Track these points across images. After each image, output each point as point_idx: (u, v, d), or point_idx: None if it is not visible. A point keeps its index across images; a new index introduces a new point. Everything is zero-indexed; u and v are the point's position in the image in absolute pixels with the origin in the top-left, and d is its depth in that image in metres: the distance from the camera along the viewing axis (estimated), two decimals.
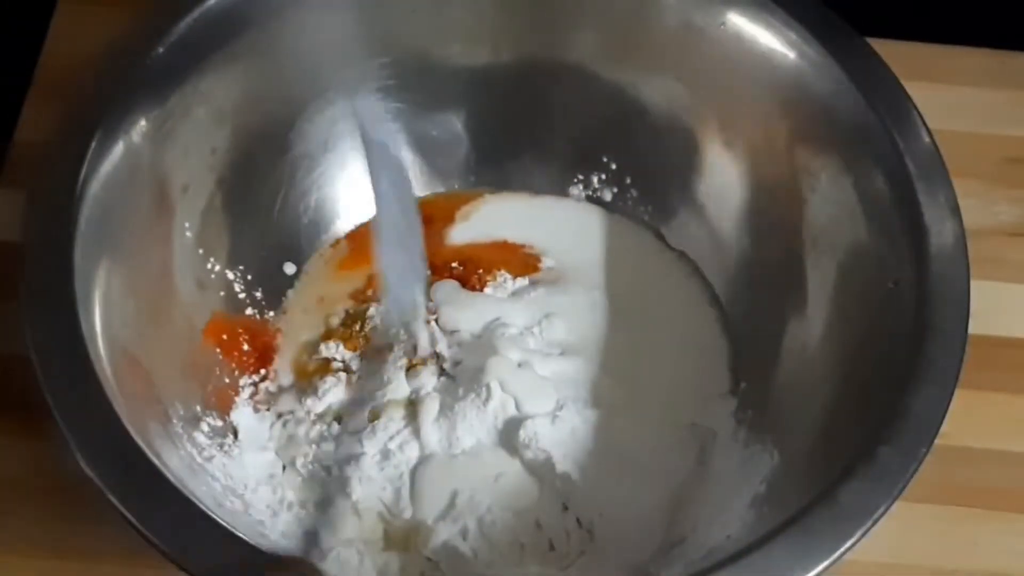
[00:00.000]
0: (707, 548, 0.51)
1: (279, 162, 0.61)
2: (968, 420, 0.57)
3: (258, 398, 0.58)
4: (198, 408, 0.55)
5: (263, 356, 0.59)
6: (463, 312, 0.60)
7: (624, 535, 0.54)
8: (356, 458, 0.55)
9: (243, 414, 0.57)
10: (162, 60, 0.54)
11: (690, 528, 0.54)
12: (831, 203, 0.56)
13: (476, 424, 0.55)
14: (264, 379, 0.59)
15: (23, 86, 0.67)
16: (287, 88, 0.60)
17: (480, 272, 0.62)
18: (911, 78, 0.56)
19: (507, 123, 0.64)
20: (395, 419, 0.56)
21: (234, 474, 0.54)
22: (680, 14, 0.59)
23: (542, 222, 0.64)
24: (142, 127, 0.53)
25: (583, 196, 0.65)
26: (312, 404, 0.57)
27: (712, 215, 0.62)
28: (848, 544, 0.44)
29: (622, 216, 0.65)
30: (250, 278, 0.60)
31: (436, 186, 0.65)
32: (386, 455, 0.55)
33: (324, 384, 0.58)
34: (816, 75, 0.56)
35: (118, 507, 0.44)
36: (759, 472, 0.53)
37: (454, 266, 0.62)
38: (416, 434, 0.55)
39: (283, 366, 0.60)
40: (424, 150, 0.64)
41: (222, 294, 0.59)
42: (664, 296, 0.62)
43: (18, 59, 0.68)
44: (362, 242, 0.63)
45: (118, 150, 0.52)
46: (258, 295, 0.60)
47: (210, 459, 0.53)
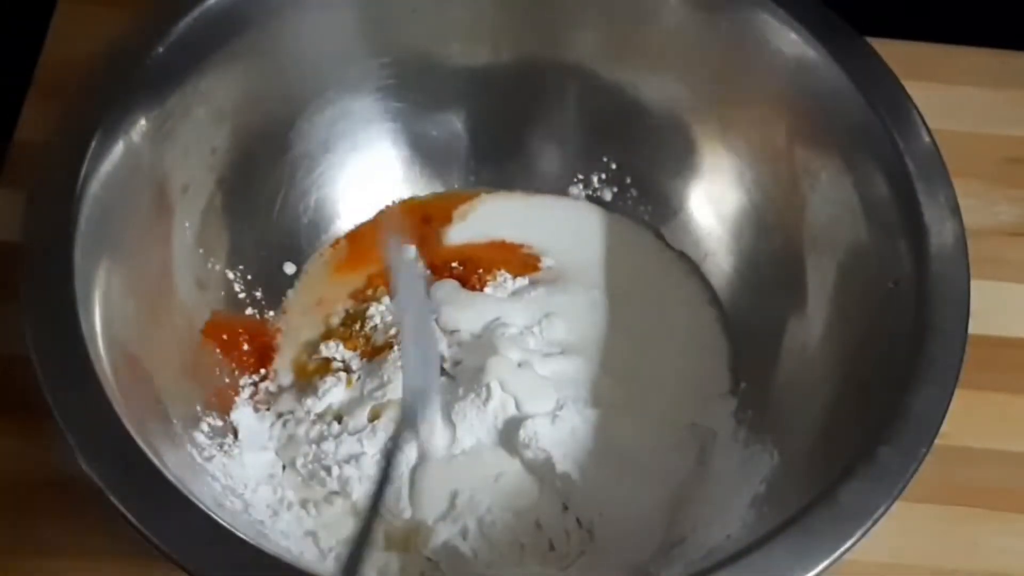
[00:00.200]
0: (707, 548, 0.51)
1: (279, 162, 0.61)
2: (968, 420, 0.57)
3: (258, 398, 0.58)
4: (198, 408, 0.55)
5: (263, 356, 0.59)
6: (463, 312, 0.60)
7: (624, 535, 0.54)
8: (356, 458, 0.55)
9: (243, 414, 0.57)
10: (162, 60, 0.54)
11: (690, 528, 0.54)
12: (831, 203, 0.56)
13: (476, 424, 0.55)
14: (264, 379, 0.59)
15: (23, 86, 0.67)
16: (287, 88, 0.60)
17: (480, 272, 0.62)
18: (911, 78, 0.56)
19: (507, 123, 0.64)
20: (395, 419, 0.56)
21: (234, 474, 0.54)
22: (680, 14, 0.59)
23: (541, 222, 0.64)
24: (142, 127, 0.53)
25: (583, 196, 0.65)
26: (312, 404, 0.57)
27: (712, 215, 0.62)
28: (848, 544, 0.44)
29: (622, 216, 0.65)
30: (250, 278, 0.60)
31: (436, 186, 0.65)
32: (386, 455, 0.55)
33: (324, 384, 0.58)
34: (816, 75, 0.56)
35: (118, 507, 0.43)
36: (759, 472, 0.53)
37: (454, 266, 0.62)
38: (416, 434, 0.55)
39: (283, 366, 0.60)
40: (424, 150, 0.64)
41: (222, 294, 0.59)
42: (664, 296, 0.62)
43: (18, 59, 0.68)
44: (361, 243, 0.63)
45: (118, 150, 0.52)
46: (258, 295, 0.60)
47: (210, 459, 0.53)
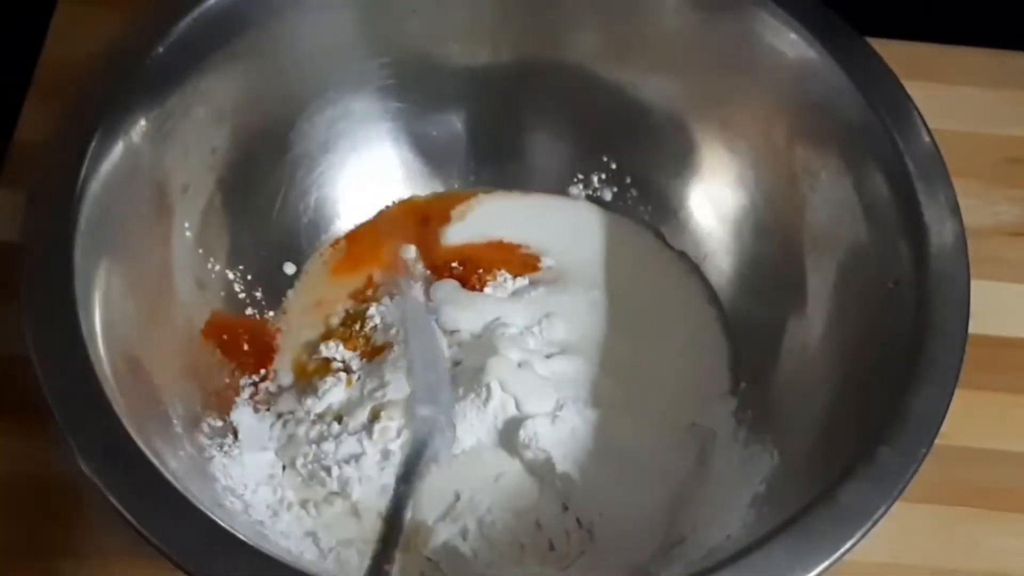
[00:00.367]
0: (707, 548, 0.51)
1: (279, 162, 0.61)
2: (968, 420, 0.57)
3: (258, 398, 0.58)
4: (198, 408, 0.55)
5: (263, 356, 0.59)
6: (463, 312, 0.60)
7: (624, 535, 0.54)
8: (356, 458, 0.55)
9: (243, 414, 0.57)
10: (162, 60, 0.54)
11: (690, 528, 0.54)
12: (831, 203, 0.56)
13: (476, 424, 0.55)
14: (264, 379, 0.59)
15: (23, 86, 0.67)
16: (287, 88, 0.60)
17: (480, 272, 0.62)
18: (911, 78, 0.56)
19: (507, 123, 0.64)
20: (395, 419, 0.56)
21: (234, 474, 0.54)
22: (680, 14, 0.59)
23: (540, 222, 0.64)
24: (142, 127, 0.53)
25: (583, 196, 0.65)
26: (312, 404, 0.57)
27: (712, 215, 0.62)
28: (848, 544, 0.44)
29: (622, 216, 0.65)
30: (250, 278, 0.60)
31: (436, 186, 0.65)
32: (386, 455, 0.55)
33: (324, 384, 0.58)
34: (816, 75, 0.56)
35: (118, 507, 0.43)
36: (759, 472, 0.53)
37: (454, 266, 0.62)
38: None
39: (283, 366, 0.60)
40: (424, 150, 0.64)
41: (222, 294, 0.59)
42: (664, 296, 0.62)
43: (18, 59, 0.68)
44: (360, 244, 0.63)
45: (118, 150, 0.52)
46: (258, 295, 0.60)
47: (210, 459, 0.53)
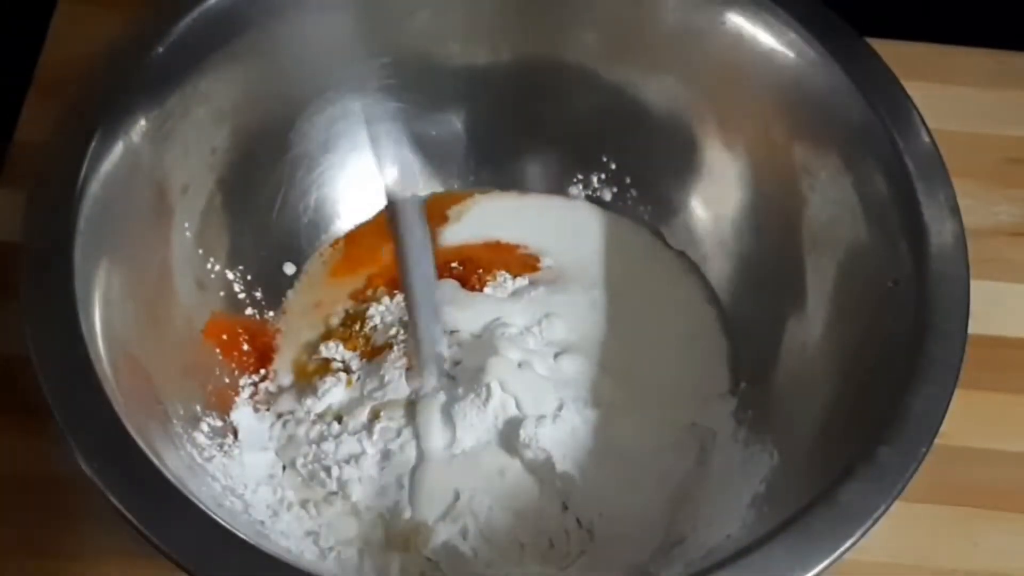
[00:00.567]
0: (707, 548, 0.51)
1: (279, 162, 0.61)
2: (968, 420, 0.57)
3: (258, 398, 0.58)
4: (198, 408, 0.54)
5: (263, 356, 0.59)
6: (463, 312, 0.60)
7: (624, 535, 0.54)
8: (356, 458, 0.55)
9: (243, 414, 0.57)
10: (162, 60, 0.54)
11: (690, 528, 0.54)
12: (831, 202, 0.56)
13: (476, 424, 0.55)
14: (264, 379, 0.59)
15: (23, 86, 0.67)
16: (287, 88, 0.60)
17: (480, 272, 0.62)
18: (911, 78, 0.56)
19: (507, 123, 0.64)
20: (395, 419, 0.56)
21: (234, 474, 0.54)
22: (680, 13, 0.59)
23: (537, 221, 0.64)
24: (142, 127, 0.53)
25: (583, 196, 0.65)
26: (312, 404, 0.57)
27: (711, 215, 0.62)
28: (848, 544, 0.44)
29: (621, 216, 0.65)
30: (250, 278, 0.60)
31: (435, 186, 0.65)
32: (386, 455, 0.55)
33: (324, 384, 0.58)
34: (816, 75, 0.56)
35: (118, 507, 0.43)
36: (759, 472, 0.53)
37: (454, 266, 0.62)
38: (416, 434, 0.55)
39: (283, 366, 0.60)
40: (424, 150, 0.64)
41: (222, 294, 0.59)
42: (664, 296, 0.62)
43: (18, 59, 0.68)
44: (357, 246, 0.63)
45: (118, 150, 0.52)
46: (258, 295, 0.60)
47: (210, 459, 0.53)
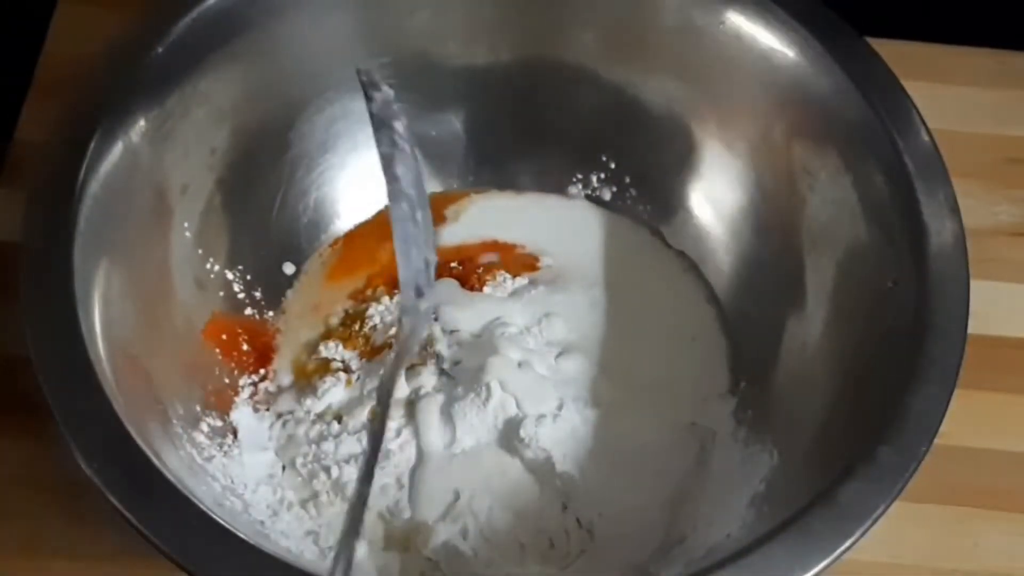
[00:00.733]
0: (707, 547, 0.51)
1: (278, 162, 0.61)
2: (968, 420, 0.57)
3: (257, 398, 0.58)
4: (198, 408, 0.55)
5: (262, 356, 0.59)
6: (463, 312, 0.60)
7: (624, 534, 0.54)
8: (356, 458, 0.55)
9: (243, 414, 0.57)
10: (161, 60, 0.54)
11: (690, 527, 0.54)
12: (830, 202, 0.56)
13: (476, 424, 0.55)
14: (263, 379, 0.59)
15: (23, 86, 0.67)
16: (286, 88, 0.60)
17: (479, 271, 0.62)
18: (911, 78, 0.56)
19: (506, 123, 0.64)
20: (395, 419, 0.56)
21: (234, 474, 0.54)
22: (679, 13, 0.59)
23: (535, 221, 0.64)
24: (141, 127, 0.53)
25: (582, 195, 0.65)
26: (311, 404, 0.57)
27: (711, 214, 0.62)
28: (848, 544, 0.44)
29: (621, 215, 0.65)
30: (249, 278, 0.60)
31: (435, 186, 0.65)
32: (386, 455, 0.55)
33: (323, 384, 0.58)
34: (815, 74, 0.56)
35: (118, 507, 0.43)
36: (759, 471, 0.53)
37: (453, 266, 0.62)
38: (416, 434, 0.55)
39: (282, 366, 0.60)
40: (423, 150, 0.64)
41: (221, 294, 0.59)
42: (663, 295, 0.62)
43: (18, 59, 0.68)
44: (354, 248, 0.63)
45: (117, 150, 0.52)
46: (257, 295, 0.60)
47: (210, 459, 0.53)
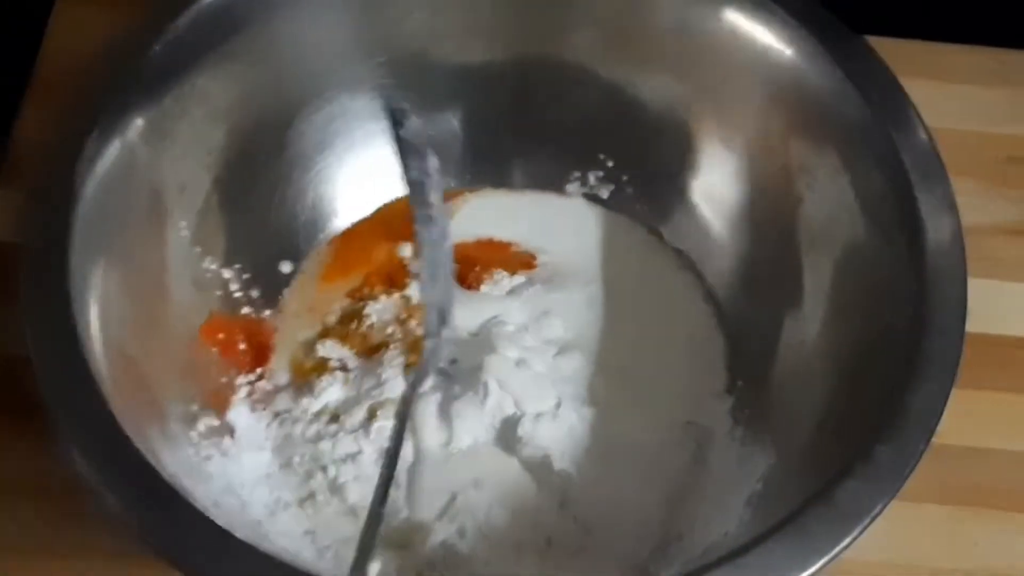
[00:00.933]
0: (704, 546, 0.51)
1: (276, 161, 0.61)
2: (968, 420, 0.57)
3: (255, 397, 0.58)
4: (195, 408, 0.54)
5: (260, 355, 0.59)
6: (460, 310, 0.59)
7: (622, 533, 0.54)
8: (353, 457, 0.55)
9: (240, 413, 0.57)
10: (159, 60, 0.54)
11: (687, 526, 0.54)
12: (828, 200, 0.56)
13: (474, 423, 0.55)
14: (261, 378, 0.59)
15: (21, 85, 0.67)
16: (284, 87, 0.60)
17: (477, 270, 0.62)
18: (910, 76, 0.56)
19: (504, 121, 0.64)
20: (392, 418, 0.56)
21: (231, 473, 0.54)
22: (677, 11, 0.59)
23: (532, 219, 0.64)
24: (138, 127, 0.53)
25: (580, 193, 0.65)
26: (309, 403, 0.57)
27: (709, 212, 0.62)
28: (846, 543, 0.44)
29: (618, 213, 0.65)
30: (247, 277, 0.60)
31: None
32: (383, 454, 0.55)
33: (321, 383, 0.58)
34: (813, 73, 0.56)
35: (116, 507, 0.43)
36: (756, 470, 0.53)
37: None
38: (413, 433, 0.55)
39: (280, 365, 0.59)
40: None
41: (219, 293, 0.59)
42: (661, 294, 0.62)
43: (16, 58, 0.68)
44: (348, 248, 0.63)
45: (114, 150, 0.52)
46: (255, 294, 0.60)
47: (207, 459, 0.53)
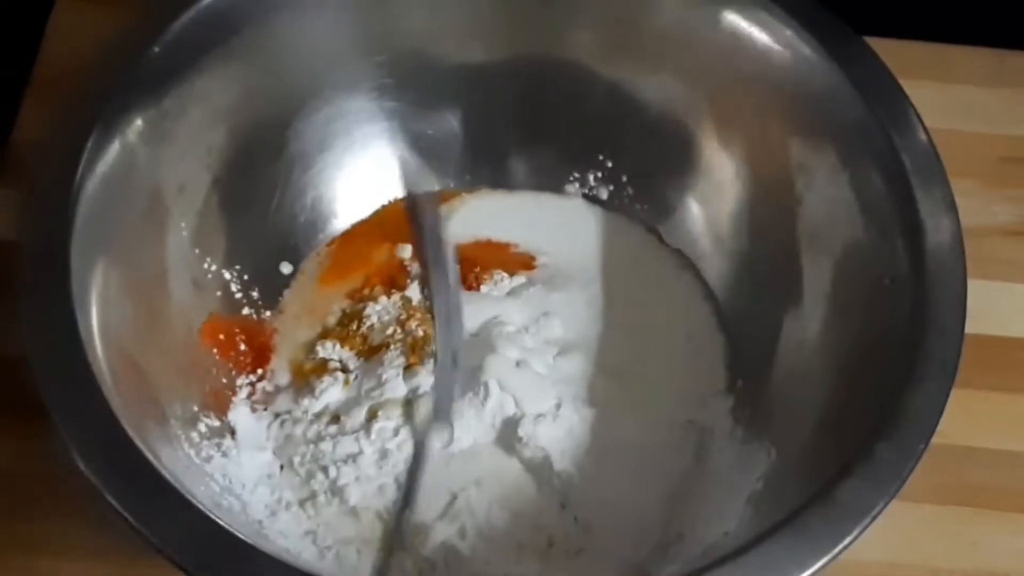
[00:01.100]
0: (705, 546, 0.51)
1: (275, 161, 0.61)
2: (967, 420, 0.57)
3: (255, 398, 0.58)
4: (195, 408, 0.54)
5: (260, 356, 0.59)
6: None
7: (622, 533, 0.54)
8: (354, 458, 0.55)
9: (240, 414, 0.57)
10: (158, 59, 0.54)
11: (688, 526, 0.54)
12: (827, 200, 0.56)
13: (474, 423, 0.55)
14: (261, 379, 0.59)
15: (21, 85, 0.67)
16: (283, 87, 0.60)
17: (477, 270, 0.62)
18: (910, 77, 0.56)
19: (503, 121, 0.64)
20: (393, 418, 0.56)
21: (232, 474, 0.54)
22: (676, 11, 0.59)
23: (532, 219, 0.64)
24: (138, 127, 0.53)
25: (579, 194, 0.65)
26: (309, 404, 0.57)
27: (708, 212, 0.62)
28: (845, 542, 0.44)
29: (617, 213, 0.65)
30: (247, 278, 0.60)
31: (432, 184, 0.65)
32: (384, 455, 0.55)
33: (321, 384, 0.57)
34: (812, 73, 0.56)
35: (116, 507, 0.43)
36: (756, 470, 0.53)
37: None
38: (414, 433, 0.55)
39: (280, 366, 0.59)
40: (420, 148, 0.64)
41: (218, 294, 0.59)
42: (660, 293, 0.62)
43: (16, 58, 0.68)
44: (347, 249, 0.63)
45: (114, 150, 0.52)
46: (255, 295, 0.60)
47: (208, 459, 0.53)
